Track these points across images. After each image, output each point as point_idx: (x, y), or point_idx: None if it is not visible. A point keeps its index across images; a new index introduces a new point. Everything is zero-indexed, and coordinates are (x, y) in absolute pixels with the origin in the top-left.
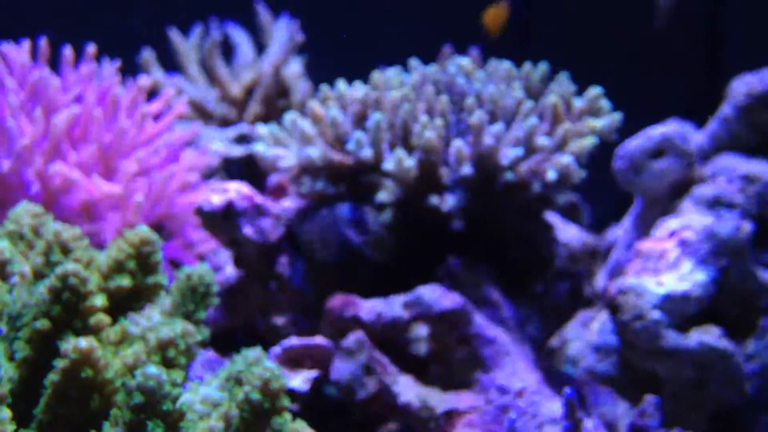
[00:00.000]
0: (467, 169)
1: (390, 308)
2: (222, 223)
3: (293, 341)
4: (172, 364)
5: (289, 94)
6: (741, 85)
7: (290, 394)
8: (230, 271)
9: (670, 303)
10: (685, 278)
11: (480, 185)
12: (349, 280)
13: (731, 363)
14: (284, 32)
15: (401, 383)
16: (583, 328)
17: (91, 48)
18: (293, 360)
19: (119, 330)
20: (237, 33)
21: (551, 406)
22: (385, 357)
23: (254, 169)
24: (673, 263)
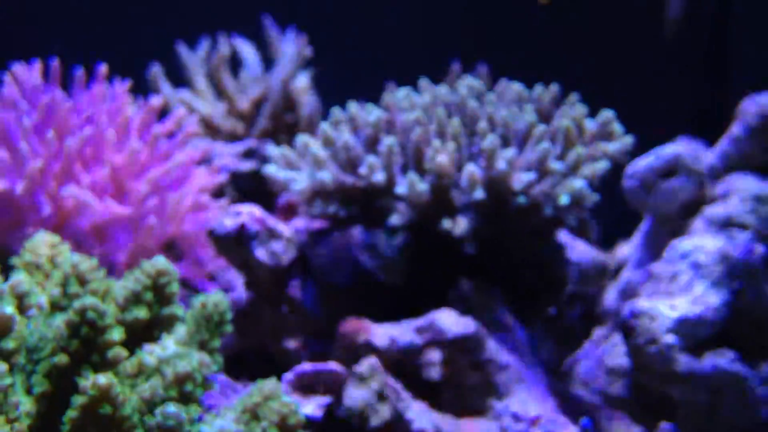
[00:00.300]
0: (480, 194)
1: (403, 333)
2: (234, 247)
3: (306, 367)
4: (189, 399)
5: (297, 109)
6: (752, 105)
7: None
8: (241, 293)
9: (684, 326)
10: (698, 301)
11: (492, 209)
12: (361, 304)
13: (745, 387)
14: (292, 47)
15: (415, 410)
16: (595, 350)
17: (103, 68)
18: (306, 385)
19: (136, 363)
20: (244, 47)
21: None
22: (398, 383)
23: (262, 185)
24: (686, 286)
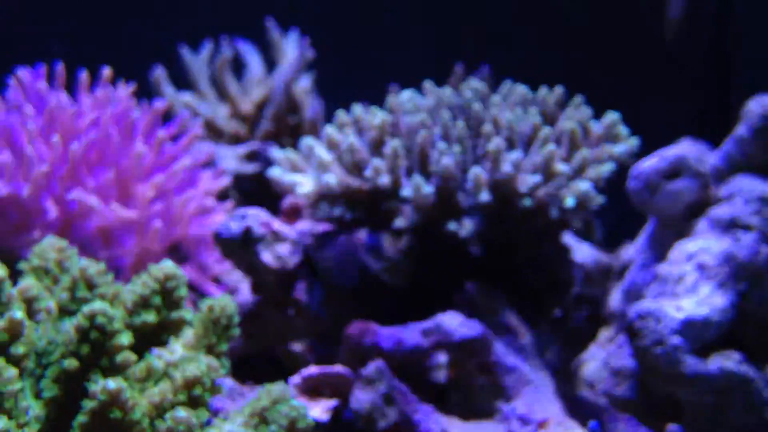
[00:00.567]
0: (485, 196)
1: (409, 336)
2: (240, 250)
3: (312, 370)
4: (198, 403)
5: (300, 111)
6: (756, 106)
7: None
8: (246, 295)
9: (690, 328)
10: (704, 303)
11: (498, 211)
12: (367, 306)
13: (751, 388)
14: (295, 49)
15: (422, 413)
16: (600, 351)
17: (107, 71)
18: (313, 389)
19: (144, 367)
20: (247, 49)
21: None
22: (405, 385)
23: (265, 187)
24: (692, 287)
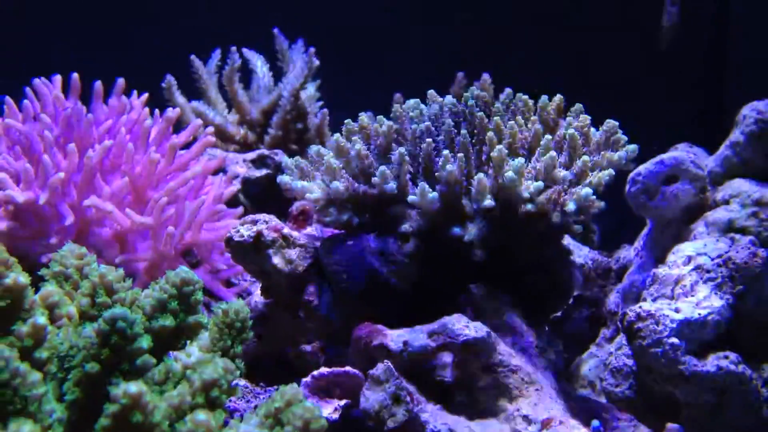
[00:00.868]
0: (489, 202)
1: (416, 337)
2: (251, 254)
3: (323, 370)
4: (216, 405)
5: (306, 118)
6: (751, 112)
7: None
8: (257, 298)
9: (688, 329)
10: (702, 304)
11: (500, 216)
12: (375, 308)
13: (749, 388)
14: (301, 58)
15: (429, 412)
16: (600, 351)
17: (121, 82)
18: (323, 389)
19: (163, 370)
20: (254, 58)
21: None
22: (412, 385)
23: (272, 191)
24: (690, 289)
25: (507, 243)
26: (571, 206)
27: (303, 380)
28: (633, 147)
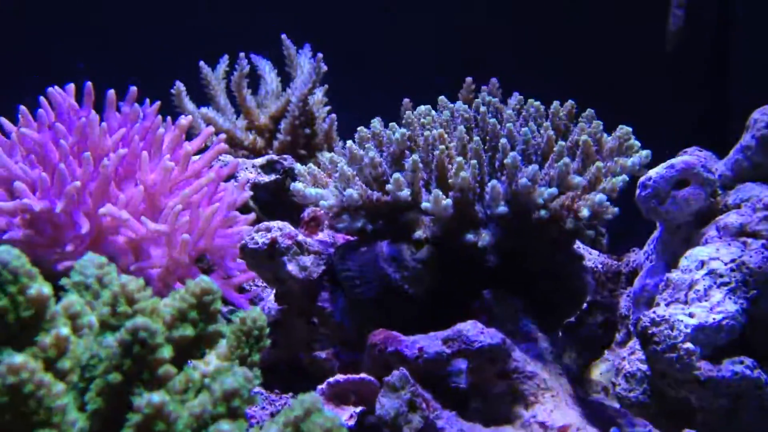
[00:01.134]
0: (503, 208)
1: (431, 344)
2: (266, 261)
3: (339, 377)
4: (237, 414)
5: (314, 123)
6: (763, 116)
7: None
8: (271, 304)
9: (702, 334)
10: (716, 309)
11: (514, 222)
12: (389, 315)
13: (764, 393)
14: (309, 63)
15: (445, 419)
16: (611, 355)
17: (133, 89)
18: (338, 396)
19: (183, 379)
20: (263, 63)
21: None
22: (427, 392)
23: (281, 196)
24: (703, 294)
25: (520, 249)
26: (585, 212)
27: (318, 387)
28: (646, 153)
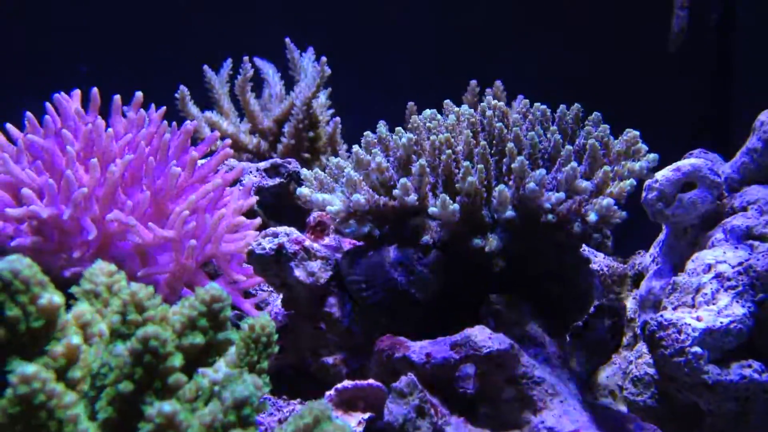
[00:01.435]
0: (510, 213)
1: (439, 349)
2: (273, 267)
3: (347, 383)
4: (247, 423)
5: (318, 126)
6: None
7: None
8: (277, 309)
9: (710, 337)
10: (724, 312)
11: (521, 226)
12: (396, 320)
13: None
14: (313, 67)
15: (453, 425)
16: (617, 358)
17: (139, 95)
18: (347, 402)
19: (193, 387)
20: (266, 67)
21: None
22: (435, 398)
23: (285, 199)
24: (711, 297)
25: (527, 253)
26: (593, 217)
27: (327, 393)
28: (654, 156)
